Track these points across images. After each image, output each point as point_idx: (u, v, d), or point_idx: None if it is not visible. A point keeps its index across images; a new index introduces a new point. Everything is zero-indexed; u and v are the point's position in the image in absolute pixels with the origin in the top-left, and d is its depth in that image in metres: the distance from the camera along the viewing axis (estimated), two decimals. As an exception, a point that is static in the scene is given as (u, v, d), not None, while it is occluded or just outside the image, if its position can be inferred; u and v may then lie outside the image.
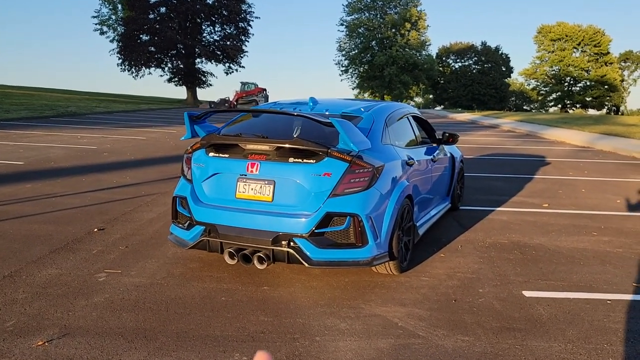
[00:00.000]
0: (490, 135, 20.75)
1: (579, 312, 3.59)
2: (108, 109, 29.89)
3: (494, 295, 3.86)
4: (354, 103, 4.99)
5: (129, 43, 48.80)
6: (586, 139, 17.14)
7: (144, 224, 5.56)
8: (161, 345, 3.02)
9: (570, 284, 4.13)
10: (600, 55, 67.88)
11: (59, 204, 6.35)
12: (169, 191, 7.26)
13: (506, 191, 8.09)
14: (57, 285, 3.84)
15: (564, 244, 5.25)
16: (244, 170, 3.89)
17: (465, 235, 5.50)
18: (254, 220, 3.77)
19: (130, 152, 11.49)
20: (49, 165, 9.20)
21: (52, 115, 22.44)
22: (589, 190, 8.35)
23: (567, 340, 3.18)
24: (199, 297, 3.70)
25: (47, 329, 3.16)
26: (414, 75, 63.87)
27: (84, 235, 5.08)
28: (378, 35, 63.48)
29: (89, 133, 15.77)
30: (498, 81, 71.77)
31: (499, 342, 3.13)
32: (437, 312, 3.55)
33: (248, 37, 53.73)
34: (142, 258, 4.49)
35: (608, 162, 12.30)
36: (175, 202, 4.23)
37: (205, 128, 4.44)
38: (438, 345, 3.09)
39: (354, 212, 3.70)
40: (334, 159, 3.75)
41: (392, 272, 4.13)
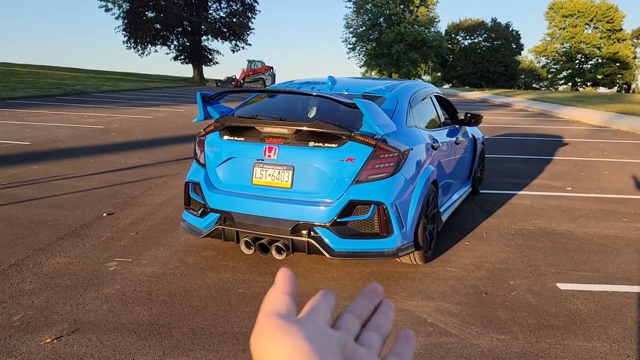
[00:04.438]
0: (503, 114, 20.33)
1: (620, 307, 3.37)
2: (115, 88, 29.59)
3: (527, 288, 3.63)
4: (375, 82, 4.71)
5: (134, 20, 48.16)
6: (603, 119, 16.71)
7: (155, 208, 5.36)
8: (176, 342, 2.84)
9: (606, 275, 3.90)
10: (612, 31, 66.35)
11: (67, 186, 6.16)
12: (179, 173, 7.05)
13: (526, 173, 7.82)
14: (66, 275, 3.66)
15: (594, 230, 5.00)
16: (260, 155, 3.65)
17: (489, 221, 5.26)
18: (272, 208, 3.55)
19: (138, 132, 11.27)
20: (55, 146, 8.99)
21: (59, 94, 22.19)
22: (611, 172, 8.05)
23: (612, 339, 2.96)
24: (215, 289, 3.50)
25: (56, 324, 2.98)
26: (422, 52, 62.81)
27: (92, 220, 4.89)
28: (386, 12, 62.28)
29: (96, 112, 15.54)
30: (508, 59, 70.50)
31: (538, 342, 2.92)
32: (468, 306, 3.33)
33: (255, 13, 52.88)
34: (153, 245, 4.30)
35: (628, 142, 11.95)
36: (188, 187, 4.01)
37: (219, 109, 4.19)
38: (472, 344, 2.88)
39: (379, 200, 3.47)
40: (358, 143, 3.50)
41: (416, 262, 3.92)
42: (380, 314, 0.45)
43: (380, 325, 0.43)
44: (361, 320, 0.43)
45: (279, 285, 0.39)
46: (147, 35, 48.94)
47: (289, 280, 0.40)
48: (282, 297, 0.38)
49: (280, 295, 0.39)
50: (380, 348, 0.41)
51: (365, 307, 0.44)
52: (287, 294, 0.39)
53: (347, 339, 0.40)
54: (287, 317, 0.37)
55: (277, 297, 0.38)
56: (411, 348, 0.43)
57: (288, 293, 0.39)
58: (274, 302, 0.38)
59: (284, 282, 0.40)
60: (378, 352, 0.41)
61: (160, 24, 49.23)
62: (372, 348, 0.40)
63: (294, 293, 0.39)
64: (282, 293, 0.39)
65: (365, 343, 0.41)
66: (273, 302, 0.38)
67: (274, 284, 0.40)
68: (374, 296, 0.45)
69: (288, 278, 0.40)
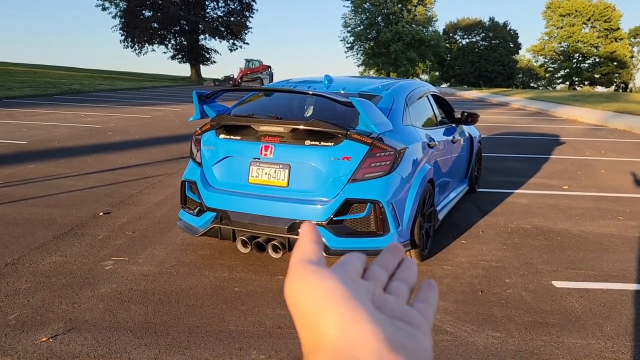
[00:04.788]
0: (501, 113, 20.36)
1: (615, 304, 3.38)
2: (112, 87, 29.54)
3: (523, 286, 3.64)
4: (372, 81, 4.71)
5: (132, 19, 48.09)
6: (600, 118, 16.75)
7: (151, 207, 5.36)
8: (172, 341, 2.84)
9: (601, 273, 3.91)
10: (610, 30, 66.48)
11: (63, 185, 6.15)
12: (176, 172, 7.04)
13: (523, 172, 7.83)
14: (62, 274, 3.66)
15: (590, 229, 5.01)
16: (257, 154, 3.65)
17: (485, 219, 5.27)
18: (268, 207, 3.55)
19: (135, 131, 11.25)
20: (52, 145, 8.98)
21: (56, 93, 22.15)
22: (608, 171, 8.08)
23: (606, 336, 2.98)
24: (211, 288, 3.50)
25: (52, 323, 2.97)
26: (420, 51, 62.85)
27: (89, 220, 4.88)
28: (384, 11, 62.29)
29: (93, 111, 15.51)
30: (506, 58, 70.59)
31: (533, 339, 2.93)
32: (464, 304, 3.34)
33: (252, 12, 52.88)
34: (150, 244, 4.29)
35: (625, 141, 11.98)
36: (184, 186, 4.00)
37: (215, 108, 4.19)
38: (468, 342, 2.89)
39: (375, 199, 3.47)
40: (354, 142, 3.50)
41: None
42: (405, 267, 0.45)
43: (406, 276, 0.44)
44: (388, 272, 0.44)
45: (306, 236, 0.40)
46: (145, 34, 48.89)
47: (315, 231, 0.40)
48: (311, 245, 0.39)
49: (310, 244, 0.39)
50: (407, 297, 0.42)
51: (390, 261, 0.45)
52: (315, 242, 0.40)
53: (376, 288, 0.40)
54: (319, 263, 0.37)
55: (306, 246, 0.39)
56: (435, 294, 0.44)
57: (316, 242, 0.40)
58: (304, 251, 0.39)
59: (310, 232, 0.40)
60: (406, 299, 0.42)
61: (157, 22, 49.17)
62: (399, 296, 0.41)
63: (321, 243, 0.40)
64: (310, 242, 0.39)
65: (393, 292, 0.42)
66: (303, 250, 0.39)
67: (300, 236, 0.40)
68: (397, 252, 0.46)
69: (313, 229, 0.40)
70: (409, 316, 0.39)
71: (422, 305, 0.42)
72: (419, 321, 0.39)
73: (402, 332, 0.36)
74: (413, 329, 0.37)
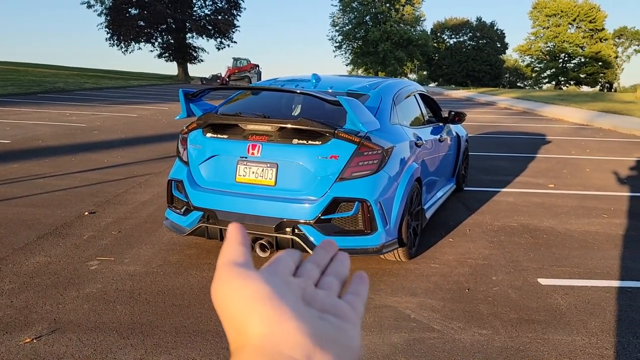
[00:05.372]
0: (488, 112, 20.50)
1: (599, 301, 3.42)
2: (97, 85, 29.24)
3: (509, 284, 3.67)
4: (359, 80, 4.72)
5: (117, 17, 47.63)
6: (585, 117, 16.94)
7: (137, 207, 5.31)
8: (159, 341, 2.81)
9: (586, 270, 3.95)
10: (595, 31, 67.24)
11: (47, 185, 6.07)
12: (163, 171, 6.99)
13: (510, 171, 7.90)
14: (46, 274, 3.61)
15: (575, 227, 5.07)
16: (244, 152, 3.64)
17: (472, 218, 5.30)
18: (255, 206, 3.54)
19: (121, 130, 11.15)
20: (36, 144, 8.86)
21: (40, 92, 21.86)
22: (593, 169, 8.17)
23: (590, 333, 3.01)
24: (198, 287, 3.48)
25: (36, 324, 2.93)
26: (408, 51, 63.04)
27: (74, 219, 4.82)
28: (372, 10, 62.39)
29: (78, 110, 15.34)
30: (493, 57, 71.08)
31: (519, 336, 2.95)
32: (451, 302, 3.36)
33: (240, 11, 52.67)
34: (136, 244, 4.25)
35: (609, 140, 12.13)
36: (171, 185, 3.97)
37: (202, 106, 4.16)
38: (455, 339, 2.90)
39: (363, 198, 3.48)
40: (341, 141, 3.50)
41: (400, 258, 3.93)
42: (337, 261, 0.47)
43: (337, 270, 0.45)
44: (320, 268, 0.45)
45: (233, 238, 0.40)
46: (131, 32, 48.44)
47: (242, 232, 0.41)
48: (237, 247, 0.39)
49: (236, 246, 0.40)
50: (338, 290, 0.43)
51: (323, 257, 0.46)
52: (242, 244, 0.40)
53: (307, 284, 0.41)
54: (245, 265, 0.38)
55: (233, 248, 0.39)
56: (365, 286, 0.45)
57: (243, 244, 0.40)
58: (231, 252, 0.39)
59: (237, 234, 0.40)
60: (336, 293, 0.43)
61: (143, 21, 48.76)
62: (331, 290, 0.43)
63: (248, 244, 0.40)
64: (237, 244, 0.40)
65: (325, 287, 0.43)
66: (229, 252, 0.39)
67: (226, 237, 0.40)
68: (330, 247, 0.47)
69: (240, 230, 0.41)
70: (338, 309, 0.40)
71: (352, 298, 0.43)
72: (348, 313, 0.40)
73: (330, 325, 0.37)
74: (341, 321, 0.39)
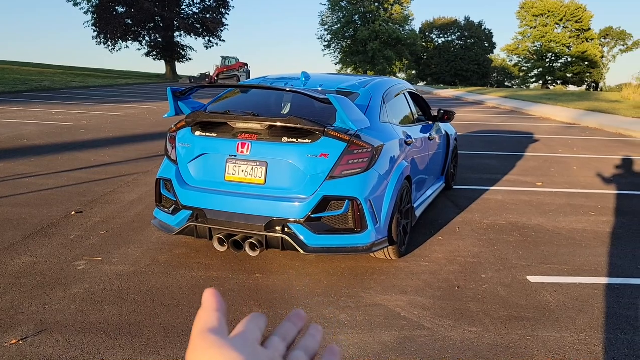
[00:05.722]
0: (476, 111, 20.62)
1: (587, 298, 3.45)
2: (84, 84, 28.92)
3: (498, 281, 3.69)
4: (349, 78, 4.71)
5: (104, 15, 47.18)
6: (572, 116, 17.11)
7: (125, 206, 5.25)
8: (147, 341, 2.78)
9: (574, 267, 3.98)
10: (581, 31, 67.98)
11: (33, 185, 5.99)
12: (151, 170, 6.93)
13: (498, 169, 7.94)
14: (32, 275, 3.55)
15: (563, 224, 5.11)
16: (233, 151, 3.61)
17: (461, 216, 5.32)
18: (245, 205, 3.51)
19: (109, 129, 11.04)
20: (22, 143, 8.74)
21: (25, 90, 21.58)
22: (580, 168, 8.25)
23: (579, 329, 3.03)
24: (187, 287, 3.45)
25: (22, 325, 2.89)
26: (397, 50, 63.24)
27: (60, 219, 4.76)
28: (361, 9, 62.49)
29: (65, 109, 15.17)
30: (481, 57, 71.56)
31: (509, 333, 2.97)
32: (441, 300, 3.36)
33: (228, 9, 52.46)
34: (124, 244, 4.21)
35: (596, 139, 12.26)
36: (159, 184, 3.93)
37: (190, 105, 4.13)
38: (445, 337, 2.91)
39: (353, 196, 3.47)
40: (331, 139, 3.49)
41: (390, 257, 3.93)
42: (309, 335, 0.48)
43: (307, 345, 0.47)
44: (286, 342, 0.46)
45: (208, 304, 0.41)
46: (118, 30, 48.00)
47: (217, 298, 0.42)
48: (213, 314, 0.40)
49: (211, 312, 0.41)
50: None
51: (290, 330, 0.47)
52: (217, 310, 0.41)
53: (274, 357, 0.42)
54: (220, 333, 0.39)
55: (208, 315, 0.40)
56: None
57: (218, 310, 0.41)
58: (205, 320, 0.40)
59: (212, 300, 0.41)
60: None
61: (131, 19, 48.34)
62: None
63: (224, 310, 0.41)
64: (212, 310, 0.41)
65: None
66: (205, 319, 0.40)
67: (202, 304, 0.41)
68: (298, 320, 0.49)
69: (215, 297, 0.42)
70: None
71: None
72: None
73: None
74: None
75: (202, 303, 0.41)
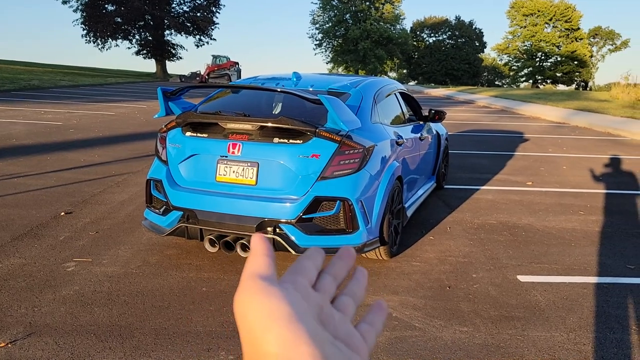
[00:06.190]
0: (467, 111, 20.72)
1: (576, 297, 3.48)
2: (73, 83, 28.69)
3: (489, 281, 3.71)
4: (340, 78, 4.71)
5: (94, 13, 46.80)
6: (561, 115, 17.24)
7: (116, 207, 5.22)
8: (138, 343, 2.77)
9: (564, 267, 4.01)
10: (571, 30, 68.53)
11: (22, 185, 5.93)
12: (141, 170, 6.89)
13: (489, 169, 7.99)
14: (21, 276, 3.52)
15: (553, 224, 5.15)
16: (224, 151, 3.60)
17: (452, 215, 5.35)
18: (236, 205, 3.50)
19: (98, 129, 10.96)
20: (10, 143, 8.65)
21: (13, 89, 21.37)
22: (570, 167, 8.32)
23: (569, 329, 3.06)
24: (178, 288, 3.43)
25: (10, 328, 2.86)
26: (388, 49, 63.39)
27: (49, 220, 4.72)
28: (352, 8, 62.54)
29: (54, 108, 15.03)
30: (471, 56, 71.92)
31: (499, 333, 2.98)
32: (432, 300, 3.37)
33: (219, 8, 52.26)
34: (114, 245, 4.18)
35: (585, 138, 12.36)
36: (150, 185, 3.91)
37: (181, 105, 4.10)
38: (436, 337, 2.92)
39: (344, 196, 3.47)
40: (323, 139, 3.49)
41: (381, 257, 3.94)
42: (355, 279, 0.47)
43: (354, 291, 0.46)
44: (337, 282, 0.45)
45: (258, 249, 0.41)
46: (107, 28, 47.64)
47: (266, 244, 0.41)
48: (263, 259, 0.40)
49: (262, 257, 0.40)
50: (353, 315, 0.44)
51: (341, 269, 0.46)
52: (267, 256, 0.40)
53: (325, 302, 0.41)
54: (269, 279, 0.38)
55: (259, 259, 0.40)
56: (382, 317, 0.46)
57: (268, 255, 0.40)
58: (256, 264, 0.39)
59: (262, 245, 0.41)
60: (351, 318, 0.43)
61: (120, 17, 48.00)
62: (346, 314, 0.43)
63: (273, 255, 0.41)
64: (262, 255, 0.40)
65: (340, 308, 0.43)
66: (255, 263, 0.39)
67: (251, 249, 0.41)
68: (349, 259, 0.47)
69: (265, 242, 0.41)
70: (351, 338, 0.41)
71: (366, 328, 0.44)
72: (359, 345, 0.41)
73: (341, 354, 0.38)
74: (351, 352, 0.39)
75: (251, 248, 0.41)
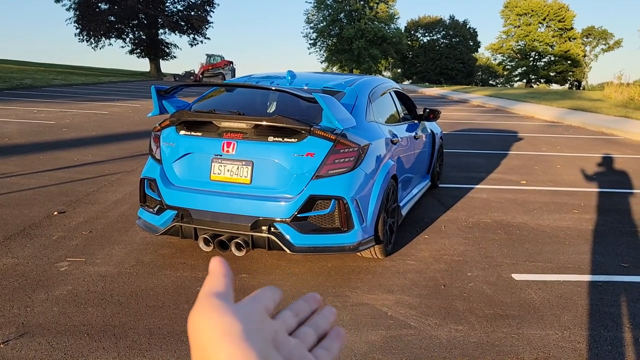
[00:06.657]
0: (461, 110, 20.76)
1: (571, 295, 3.49)
2: (66, 82, 28.52)
3: (483, 279, 3.71)
4: (335, 77, 4.70)
5: (87, 12, 46.48)
6: (555, 114, 17.31)
7: (109, 206, 5.19)
8: (132, 343, 2.75)
9: (558, 265, 4.03)
10: (564, 30, 68.79)
11: (14, 184, 5.88)
12: (135, 169, 6.85)
13: (483, 168, 8.01)
14: (13, 276, 3.49)
15: (547, 222, 5.16)
16: (219, 150, 3.58)
17: (447, 214, 5.35)
18: (231, 204, 3.49)
19: (92, 128, 10.90)
20: (2, 142, 8.59)
21: (6, 88, 21.22)
22: (564, 166, 8.35)
23: (563, 327, 3.06)
24: (172, 288, 3.42)
25: (3, 328, 2.83)
26: (382, 49, 63.36)
27: (42, 219, 4.68)
28: (346, 8, 62.47)
29: (47, 107, 14.94)
30: (466, 56, 72.05)
31: (494, 331, 2.99)
32: (427, 299, 3.37)
33: (213, 7, 52.04)
34: (108, 244, 4.15)
35: (579, 137, 12.42)
36: (144, 184, 3.89)
37: (175, 103, 4.08)
38: (431, 336, 2.92)
39: (339, 195, 3.46)
40: (317, 138, 3.48)
41: (377, 256, 3.94)
42: (321, 315, 0.47)
43: (318, 324, 0.46)
44: (298, 319, 0.45)
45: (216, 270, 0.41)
46: (101, 27, 47.32)
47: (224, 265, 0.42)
48: (220, 279, 0.40)
49: (220, 277, 0.41)
50: (312, 343, 0.44)
51: (303, 309, 0.47)
52: (225, 276, 0.41)
53: (280, 329, 0.42)
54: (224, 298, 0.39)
55: (216, 279, 0.40)
56: (339, 343, 0.46)
57: (225, 275, 0.41)
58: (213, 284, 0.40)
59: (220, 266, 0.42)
60: (309, 345, 0.44)
61: (114, 16, 47.69)
62: (303, 341, 0.43)
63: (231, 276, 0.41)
64: (219, 275, 0.41)
65: (299, 336, 0.43)
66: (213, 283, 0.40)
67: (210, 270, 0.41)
68: (313, 303, 0.48)
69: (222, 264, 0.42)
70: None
71: (322, 353, 0.44)
72: None
73: None
74: None
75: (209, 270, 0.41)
